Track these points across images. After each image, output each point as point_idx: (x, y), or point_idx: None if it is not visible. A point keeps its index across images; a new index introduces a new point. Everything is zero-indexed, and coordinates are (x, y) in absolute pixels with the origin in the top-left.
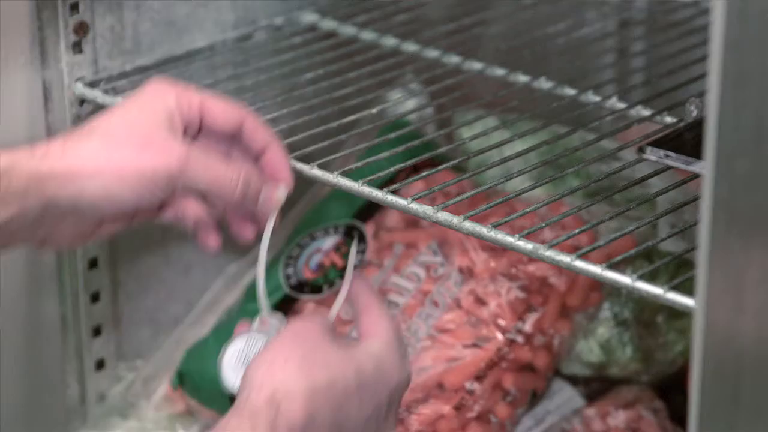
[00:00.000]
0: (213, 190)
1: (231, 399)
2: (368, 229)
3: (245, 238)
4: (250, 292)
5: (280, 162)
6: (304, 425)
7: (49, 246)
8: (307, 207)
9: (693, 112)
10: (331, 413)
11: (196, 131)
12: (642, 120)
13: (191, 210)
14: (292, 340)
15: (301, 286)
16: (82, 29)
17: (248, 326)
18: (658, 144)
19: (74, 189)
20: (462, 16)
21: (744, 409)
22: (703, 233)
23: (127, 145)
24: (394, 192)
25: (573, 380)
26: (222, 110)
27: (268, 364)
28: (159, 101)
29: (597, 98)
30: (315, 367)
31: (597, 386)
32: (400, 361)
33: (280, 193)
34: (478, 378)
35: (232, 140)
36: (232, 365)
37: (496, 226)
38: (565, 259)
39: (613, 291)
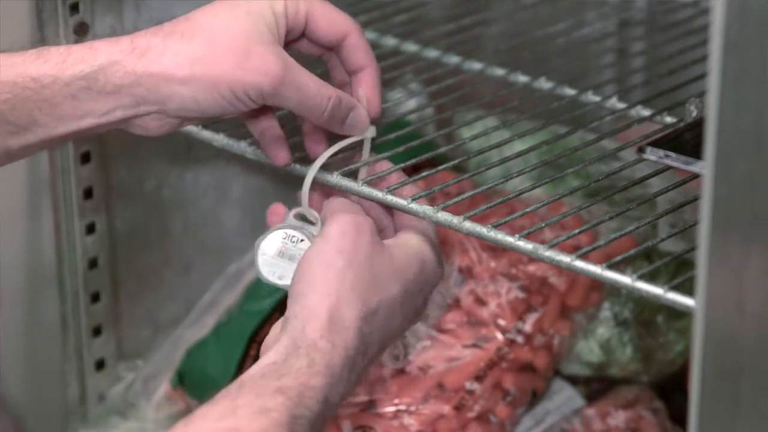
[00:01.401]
0: (301, 111)
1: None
2: None
3: (315, 154)
4: (250, 292)
5: (372, 89)
6: (357, 353)
7: (129, 130)
8: None
9: (693, 112)
10: (381, 332)
11: (297, 36)
12: (642, 120)
13: (269, 128)
14: (341, 246)
15: None
16: (82, 29)
17: (282, 213)
18: (658, 144)
19: (166, 92)
20: (462, 16)
21: (744, 409)
22: (703, 233)
23: (226, 55)
24: (394, 192)
25: (573, 380)
26: (328, 21)
27: (321, 278)
28: (267, 4)
29: (597, 98)
30: (368, 287)
31: (597, 386)
32: (437, 257)
33: (369, 131)
34: (478, 378)
35: (332, 50)
36: (269, 259)
37: (496, 226)
38: (565, 259)
39: (613, 291)
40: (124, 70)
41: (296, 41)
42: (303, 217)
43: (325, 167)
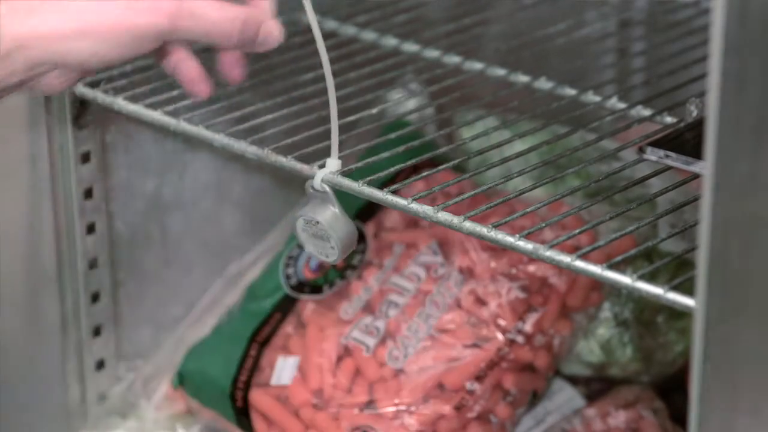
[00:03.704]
0: (208, 40)
1: (231, 398)
2: (368, 229)
3: (235, 80)
4: (250, 292)
5: (266, 7)
6: None
7: (35, 92)
8: None
9: (693, 112)
10: None
11: None
12: (642, 120)
13: (181, 60)
14: None
15: (302, 286)
16: None
17: None
18: (658, 144)
19: (60, 50)
20: (462, 16)
21: (744, 409)
22: (703, 233)
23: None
24: (394, 192)
25: (573, 380)
26: None
27: None
28: None
29: (597, 98)
30: None
31: (597, 386)
32: None
33: (278, 30)
34: (479, 378)
35: None
36: (310, 243)
37: (496, 226)
38: (565, 259)
39: (613, 291)
40: (10, 35)
41: None
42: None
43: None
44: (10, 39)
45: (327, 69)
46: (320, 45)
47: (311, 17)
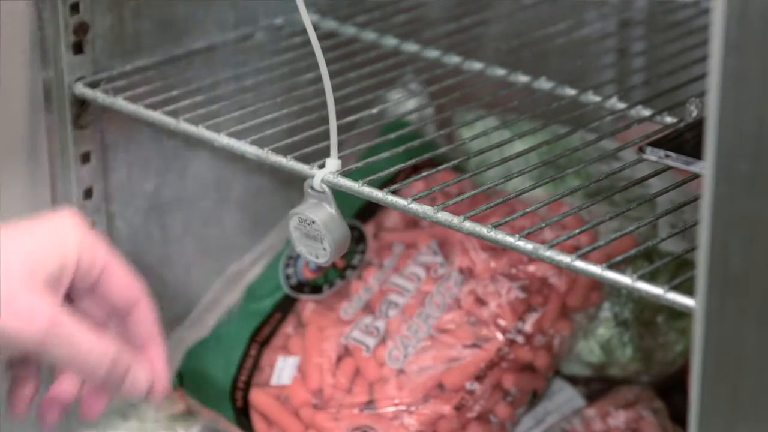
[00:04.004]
0: (73, 368)
1: (231, 398)
2: (368, 229)
3: (91, 415)
4: (250, 292)
5: (159, 363)
6: None
7: None
8: None
9: (693, 112)
10: None
11: (85, 291)
12: (642, 120)
13: (24, 382)
14: None
15: (301, 286)
16: (82, 29)
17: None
18: (658, 144)
19: None
20: (462, 16)
21: (744, 409)
22: (703, 233)
23: None
24: (394, 192)
25: (573, 380)
26: (124, 283)
27: None
28: (58, 248)
29: (597, 98)
30: None
31: (597, 386)
32: None
33: (148, 378)
34: (479, 378)
35: (118, 317)
36: (302, 243)
37: (496, 226)
38: (565, 259)
39: (613, 291)
40: None
41: (81, 297)
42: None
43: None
44: None
45: (323, 68)
46: (315, 44)
47: (304, 17)
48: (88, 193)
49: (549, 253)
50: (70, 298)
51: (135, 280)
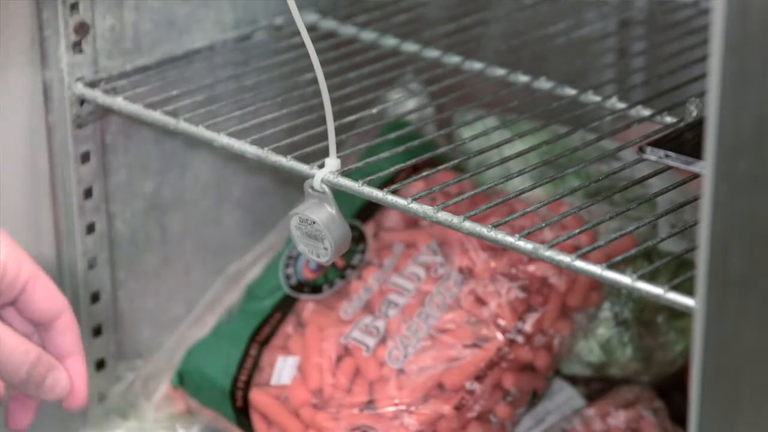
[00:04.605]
0: (2, 373)
1: (231, 398)
2: (368, 229)
3: (18, 424)
4: (250, 292)
5: (79, 375)
6: None
7: None
8: None
9: (693, 112)
10: None
11: (9, 302)
12: (642, 120)
13: None
14: None
15: (301, 286)
16: (82, 29)
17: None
18: (658, 144)
19: None
20: (462, 16)
21: (744, 409)
22: (703, 233)
23: None
24: (394, 192)
25: (573, 380)
26: (47, 295)
27: None
28: None
29: (597, 98)
30: None
31: (597, 386)
32: None
33: (67, 380)
34: (479, 378)
35: (40, 328)
36: (303, 242)
37: (496, 226)
38: (565, 259)
39: (613, 291)
40: None
41: (6, 308)
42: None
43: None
44: None
45: (317, 67)
46: (307, 42)
47: (296, 16)
48: (88, 193)
49: (549, 253)
50: None
51: (58, 294)
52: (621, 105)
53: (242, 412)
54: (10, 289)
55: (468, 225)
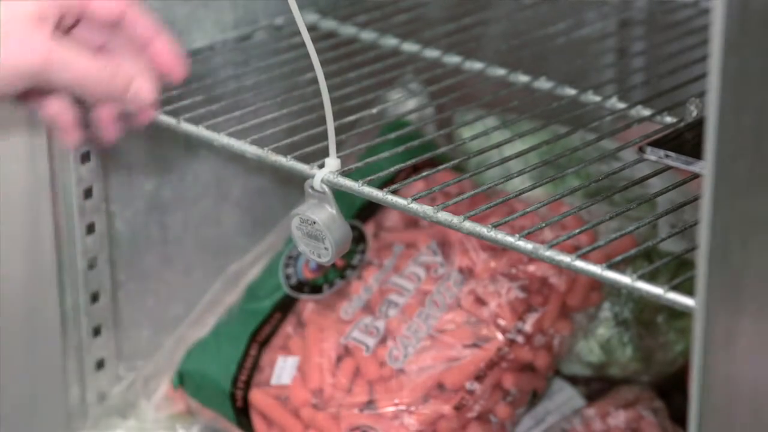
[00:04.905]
0: (77, 89)
1: (231, 398)
2: (368, 229)
3: (109, 139)
4: (250, 292)
5: (167, 54)
6: None
7: None
8: None
9: (693, 112)
10: None
11: (74, 21)
12: (642, 120)
13: (50, 107)
14: None
15: (301, 286)
16: None
17: None
18: (658, 144)
19: None
20: (462, 16)
21: (744, 410)
22: (703, 233)
23: None
24: (394, 192)
25: (573, 380)
26: (102, 2)
27: None
28: None
29: (597, 98)
30: None
31: (597, 386)
32: None
33: (150, 87)
34: (479, 378)
35: (114, 31)
36: (304, 242)
37: (496, 226)
38: (565, 259)
39: (613, 291)
40: None
41: (74, 26)
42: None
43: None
44: None
45: (317, 67)
46: (308, 42)
47: (297, 17)
48: (88, 193)
49: (549, 253)
50: (62, 29)
51: None
52: (621, 105)
53: (242, 412)
54: (69, 10)
55: (468, 225)
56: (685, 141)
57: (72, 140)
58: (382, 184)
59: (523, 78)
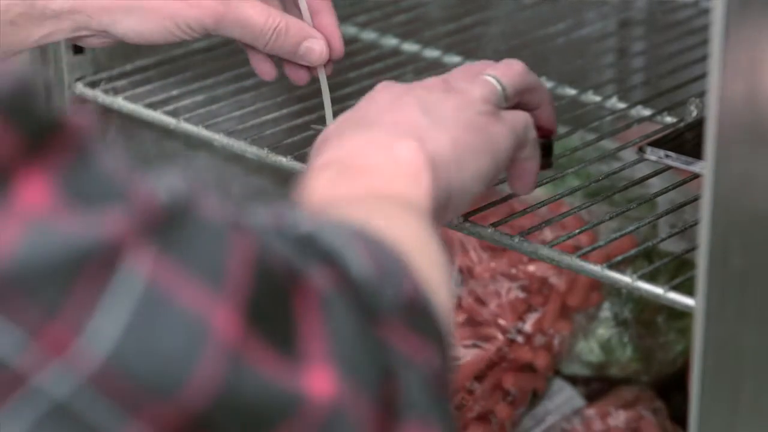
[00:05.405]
0: (247, 42)
1: None
2: None
3: (299, 82)
4: None
5: (330, 27)
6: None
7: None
8: None
9: (693, 112)
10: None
11: None
12: (642, 120)
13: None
14: None
15: None
16: None
17: None
18: (658, 144)
19: (107, 21)
20: (462, 16)
21: (744, 409)
22: (703, 233)
23: None
24: None
25: (573, 380)
26: None
27: None
28: None
29: (597, 98)
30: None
31: (597, 386)
32: None
33: (321, 49)
34: (478, 378)
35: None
36: None
37: (496, 226)
38: (565, 259)
39: (613, 291)
40: None
41: None
42: None
43: None
44: (62, 1)
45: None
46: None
47: (305, 15)
48: None
49: (549, 253)
50: None
51: None
52: (621, 105)
53: None
54: None
55: (468, 225)
56: (685, 141)
57: (266, 72)
58: None
59: None
